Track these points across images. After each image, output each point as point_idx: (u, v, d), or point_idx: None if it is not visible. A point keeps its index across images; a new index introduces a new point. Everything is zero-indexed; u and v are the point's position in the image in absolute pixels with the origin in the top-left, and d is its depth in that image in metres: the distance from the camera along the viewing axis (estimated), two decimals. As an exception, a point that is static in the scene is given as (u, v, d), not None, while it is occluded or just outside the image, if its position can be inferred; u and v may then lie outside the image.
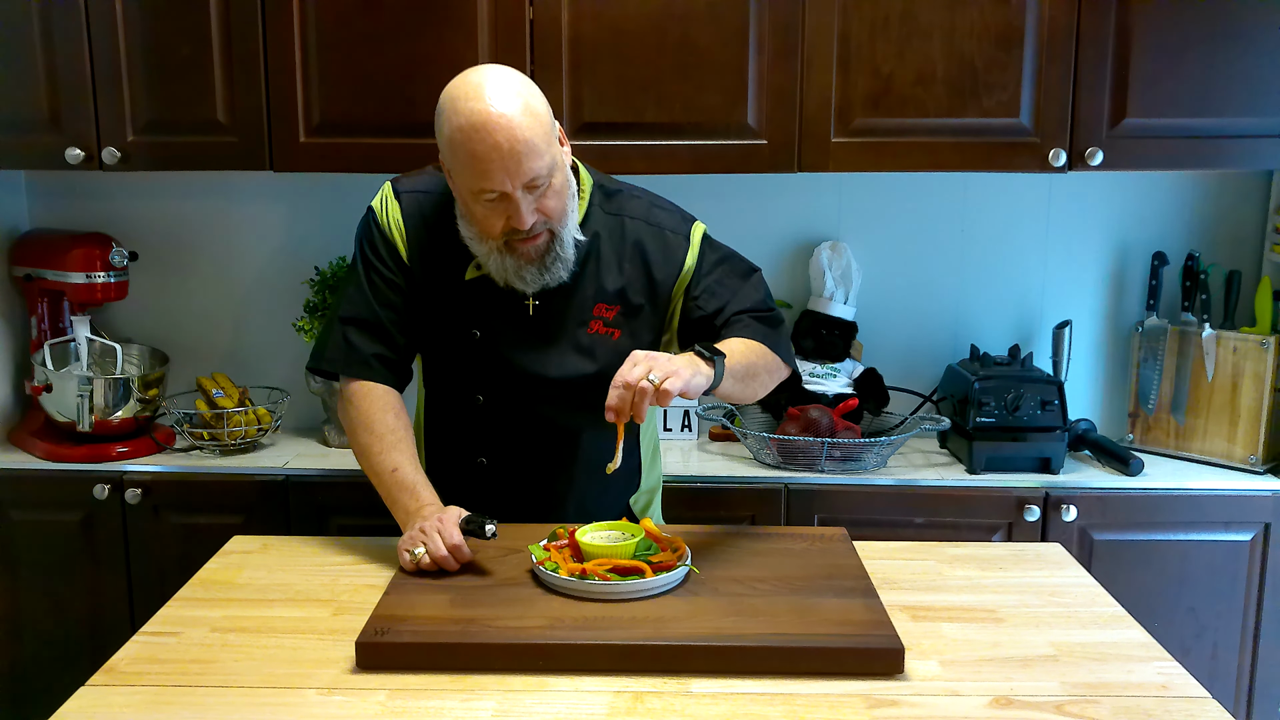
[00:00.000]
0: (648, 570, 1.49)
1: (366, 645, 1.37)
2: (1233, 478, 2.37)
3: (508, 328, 1.74)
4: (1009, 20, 2.24)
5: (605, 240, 1.75)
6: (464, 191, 1.61)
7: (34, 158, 2.37)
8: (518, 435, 1.80)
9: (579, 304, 1.74)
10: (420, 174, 1.80)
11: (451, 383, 1.82)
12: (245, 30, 2.28)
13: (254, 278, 2.69)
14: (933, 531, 2.30)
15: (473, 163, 1.55)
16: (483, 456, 1.82)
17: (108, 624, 2.38)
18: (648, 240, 1.76)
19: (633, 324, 1.77)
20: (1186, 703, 1.31)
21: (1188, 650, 2.33)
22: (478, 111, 1.53)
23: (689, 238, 1.78)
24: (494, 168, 1.54)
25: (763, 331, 1.74)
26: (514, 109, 1.54)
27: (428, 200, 1.76)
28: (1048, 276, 2.65)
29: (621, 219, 1.76)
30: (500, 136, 1.53)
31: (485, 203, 1.59)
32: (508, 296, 1.72)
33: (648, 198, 1.81)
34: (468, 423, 1.81)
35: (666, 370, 1.48)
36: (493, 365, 1.76)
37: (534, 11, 2.25)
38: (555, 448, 1.82)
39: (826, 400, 2.48)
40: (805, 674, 1.35)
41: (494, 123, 1.53)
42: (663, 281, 1.76)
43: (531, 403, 1.77)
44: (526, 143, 1.54)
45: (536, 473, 1.82)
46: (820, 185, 2.61)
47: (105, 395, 2.40)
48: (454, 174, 1.62)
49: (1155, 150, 2.29)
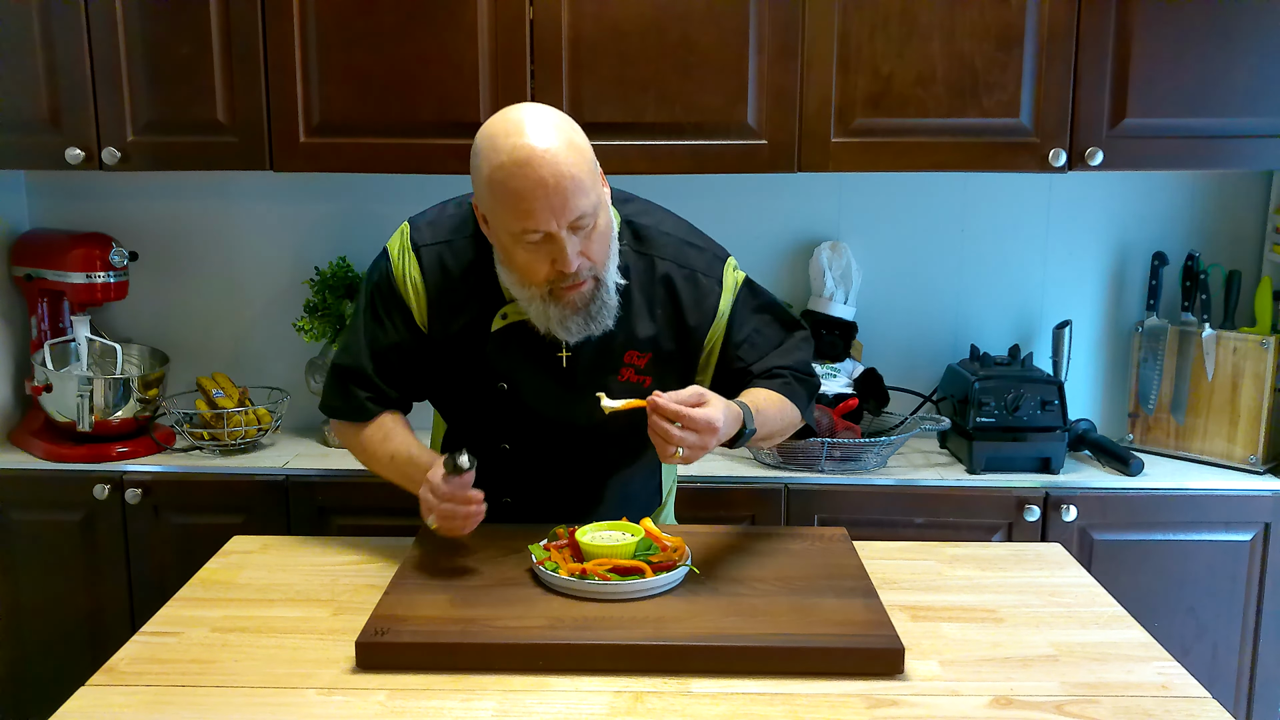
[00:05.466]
0: (648, 570, 1.49)
1: (366, 645, 1.37)
2: (1233, 478, 2.37)
3: (538, 379, 1.67)
4: (1009, 20, 2.24)
5: (636, 284, 1.66)
6: (504, 235, 1.52)
7: (34, 158, 2.38)
8: (544, 476, 1.77)
9: (611, 352, 1.66)
10: (440, 216, 1.71)
11: (475, 432, 1.76)
12: (245, 30, 2.28)
13: (254, 278, 2.69)
14: (933, 531, 2.30)
15: (517, 201, 1.46)
16: (508, 497, 1.77)
17: (108, 624, 2.38)
18: (679, 283, 1.67)
19: (663, 369, 1.69)
20: (1186, 703, 1.31)
21: (1188, 650, 2.33)
22: (520, 147, 1.45)
23: (721, 281, 1.69)
24: (539, 205, 1.45)
25: (800, 394, 1.69)
26: (558, 144, 1.46)
27: (449, 251, 1.66)
28: (1048, 276, 2.65)
29: (652, 259, 1.67)
30: (545, 172, 1.44)
31: (528, 246, 1.50)
32: (540, 348, 1.65)
33: (678, 234, 1.71)
34: (492, 467, 1.69)
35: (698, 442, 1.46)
36: (520, 417, 1.70)
37: (534, 11, 2.25)
38: (581, 484, 1.79)
39: (826, 400, 2.48)
40: (805, 674, 1.35)
41: (538, 158, 1.44)
42: (696, 327, 1.69)
43: (559, 448, 1.74)
44: (573, 179, 1.46)
45: (562, 510, 1.77)
46: (820, 185, 2.61)
47: (105, 395, 2.40)
48: (493, 216, 1.52)
49: (1155, 150, 2.29)
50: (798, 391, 1.70)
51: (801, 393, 1.71)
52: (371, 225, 2.49)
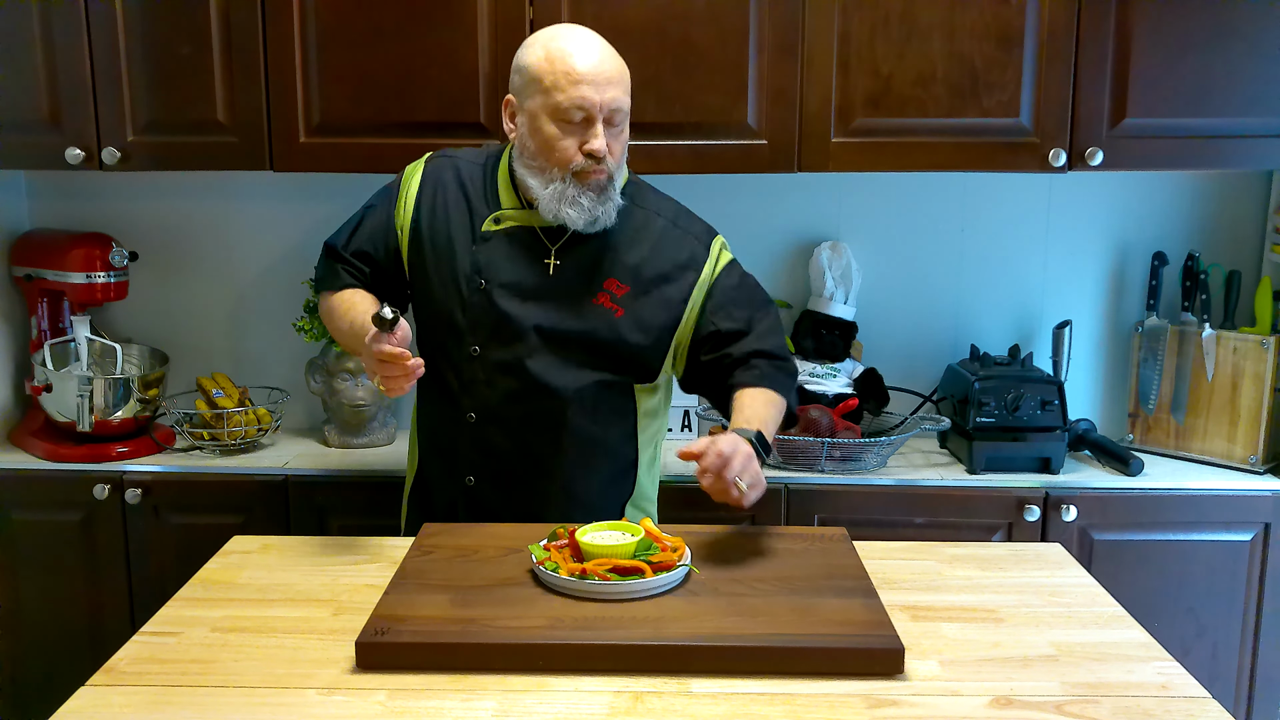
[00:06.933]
0: (648, 570, 1.49)
1: (366, 645, 1.37)
2: (1233, 478, 2.37)
3: (520, 280, 1.79)
4: (1009, 20, 2.24)
5: (632, 226, 1.82)
6: (544, 114, 1.71)
7: (34, 158, 2.37)
8: (509, 393, 1.82)
9: (596, 274, 1.80)
10: (460, 149, 1.92)
11: (449, 335, 1.84)
12: (245, 30, 2.28)
13: (254, 278, 2.69)
14: (933, 531, 2.30)
15: (569, 75, 1.68)
16: (472, 412, 1.84)
17: (108, 624, 2.38)
18: (671, 239, 1.84)
19: (636, 309, 1.81)
20: (1186, 703, 1.31)
21: (1188, 650, 2.33)
22: (575, 36, 1.72)
23: (709, 248, 1.85)
24: (587, 81, 1.67)
25: (784, 384, 1.82)
26: (603, 43, 1.74)
27: (451, 165, 1.87)
28: (1048, 276, 2.65)
29: (649, 213, 1.85)
30: (595, 53, 1.70)
31: (566, 126, 1.70)
32: (530, 253, 1.80)
33: (676, 205, 1.90)
34: (460, 378, 1.83)
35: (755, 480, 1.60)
36: (491, 321, 1.80)
37: (534, 11, 2.25)
38: (541, 415, 1.83)
39: (826, 400, 2.48)
40: (805, 674, 1.35)
41: (588, 42, 1.72)
42: (678, 284, 1.82)
43: (523, 355, 1.80)
44: (619, 73, 1.72)
45: (519, 438, 1.83)
46: (820, 185, 2.61)
47: (105, 395, 2.40)
48: (539, 95, 1.71)
49: (1155, 150, 2.29)
50: (782, 381, 1.81)
51: (786, 382, 1.83)
52: (371, 225, 2.49)
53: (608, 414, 1.87)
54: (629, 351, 1.81)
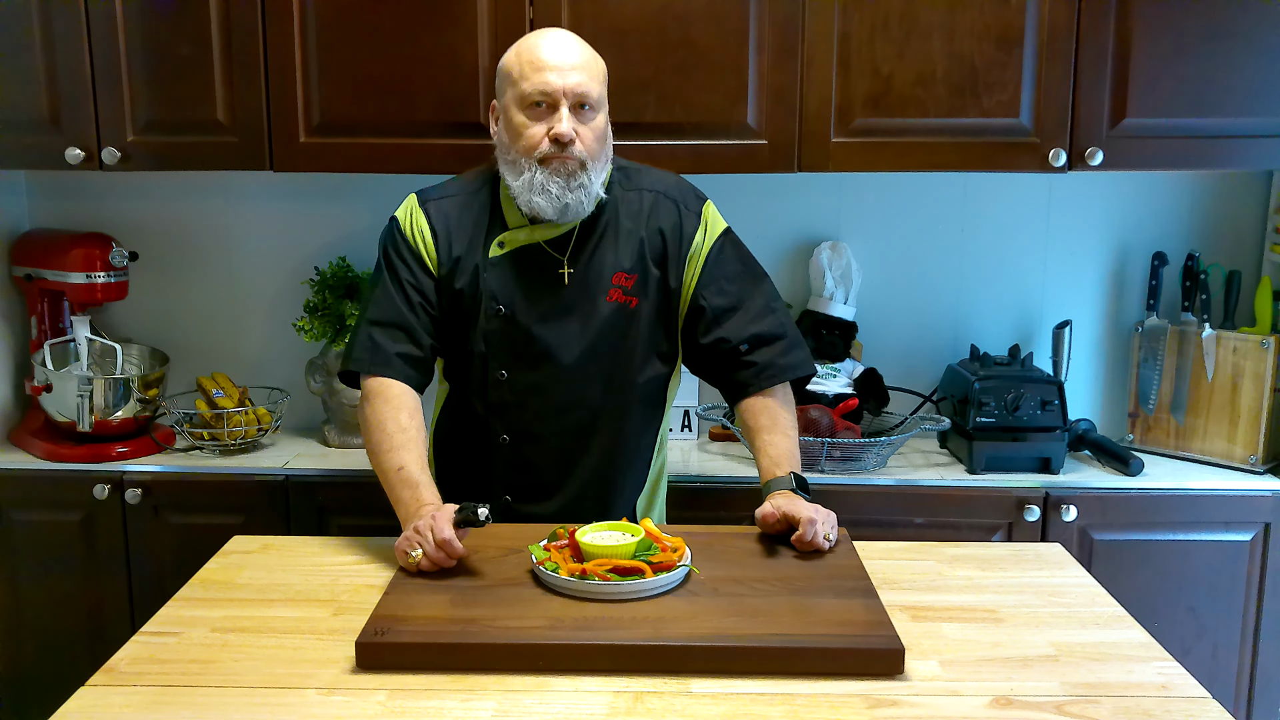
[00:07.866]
0: (648, 570, 1.49)
1: (366, 645, 1.37)
2: (1232, 478, 2.37)
3: (536, 296, 1.80)
4: (1009, 20, 2.24)
5: (625, 214, 1.85)
6: (514, 104, 1.75)
7: (34, 158, 2.37)
8: (541, 412, 1.83)
9: (603, 273, 1.82)
10: (443, 184, 1.91)
11: (471, 362, 1.84)
12: (245, 30, 2.28)
13: (254, 278, 2.69)
14: (933, 531, 2.29)
15: (532, 62, 1.72)
16: (506, 434, 1.85)
17: (108, 624, 2.38)
18: (663, 210, 1.86)
19: (647, 292, 1.84)
20: (1186, 703, 1.31)
21: (1188, 650, 2.33)
22: (547, 32, 1.78)
23: (700, 215, 1.87)
24: (550, 68, 1.71)
25: (788, 371, 1.85)
26: (574, 38, 1.78)
27: (451, 204, 1.85)
28: (1048, 276, 2.65)
29: (640, 191, 1.87)
30: (561, 44, 1.74)
31: (533, 112, 1.73)
32: (541, 267, 1.81)
33: (670, 177, 1.93)
34: (487, 402, 1.84)
35: (828, 519, 1.66)
36: (515, 339, 1.81)
37: (534, 11, 2.25)
38: (574, 426, 1.85)
39: (826, 400, 2.48)
40: (805, 674, 1.35)
41: (556, 35, 1.77)
42: (675, 254, 1.85)
43: (551, 374, 1.81)
44: (584, 61, 1.74)
45: (555, 451, 1.85)
46: (820, 185, 2.61)
47: (105, 395, 2.40)
48: (510, 90, 1.75)
49: (1155, 150, 2.29)
50: (785, 371, 1.85)
51: (789, 368, 1.85)
52: (371, 225, 2.49)
53: (639, 410, 1.89)
54: (652, 337, 1.85)
